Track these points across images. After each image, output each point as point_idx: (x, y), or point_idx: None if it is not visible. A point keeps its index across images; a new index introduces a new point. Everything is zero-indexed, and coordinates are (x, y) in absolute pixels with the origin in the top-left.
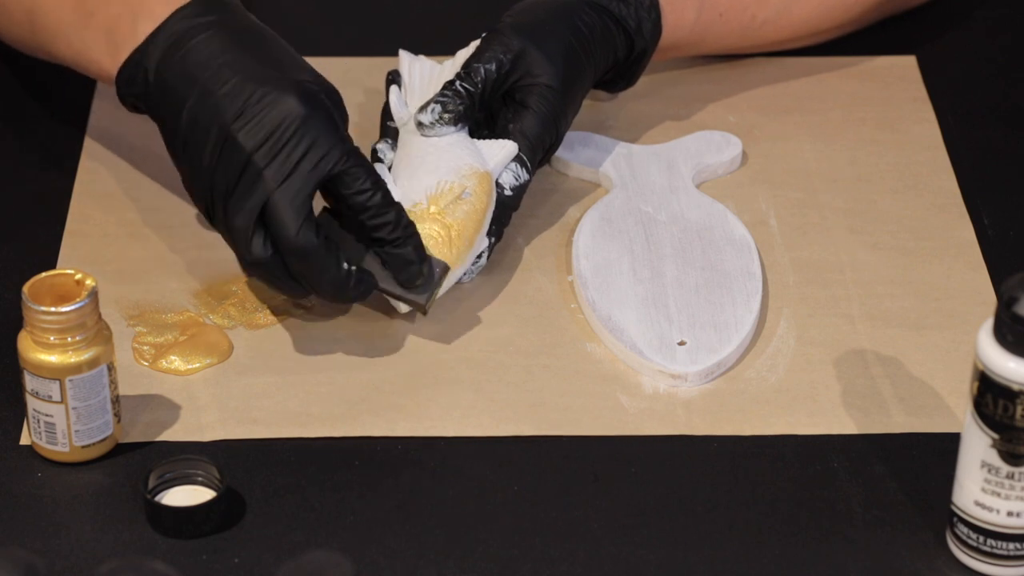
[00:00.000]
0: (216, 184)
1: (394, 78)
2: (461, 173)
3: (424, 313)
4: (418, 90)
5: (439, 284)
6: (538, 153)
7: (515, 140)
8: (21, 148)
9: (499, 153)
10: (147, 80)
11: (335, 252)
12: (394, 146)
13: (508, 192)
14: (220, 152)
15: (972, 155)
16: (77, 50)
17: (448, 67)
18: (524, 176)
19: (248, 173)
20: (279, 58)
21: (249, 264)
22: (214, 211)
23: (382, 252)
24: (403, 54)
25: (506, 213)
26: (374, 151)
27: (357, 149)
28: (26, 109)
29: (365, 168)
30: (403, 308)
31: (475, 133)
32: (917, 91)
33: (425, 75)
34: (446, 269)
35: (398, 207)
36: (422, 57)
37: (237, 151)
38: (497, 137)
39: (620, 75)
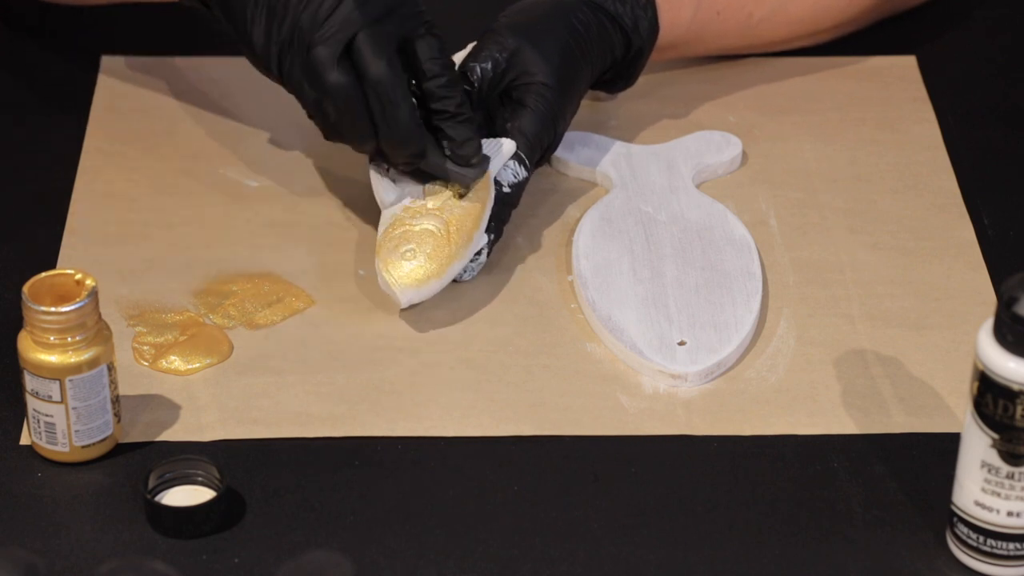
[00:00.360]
0: (301, 23)
1: None
2: None
3: (457, 192)
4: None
5: (484, 170)
6: (536, 151)
7: (513, 138)
8: (21, 148)
9: (497, 151)
10: None
11: (411, 96)
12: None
13: (507, 189)
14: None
15: (972, 155)
16: None
17: None
18: (523, 173)
19: (341, 10)
20: None
21: (332, 86)
22: (288, 56)
23: (445, 125)
24: None
25: (505, 210)
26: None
27: (431, 24)
28: (26, 109)
29: (442, 41)
30: (400, 303)
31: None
32: (917, 91)
33: None
34: (488, 160)
35: (463, 86)
36: None
37: None
38: (495, 136)
39: (619, 74)
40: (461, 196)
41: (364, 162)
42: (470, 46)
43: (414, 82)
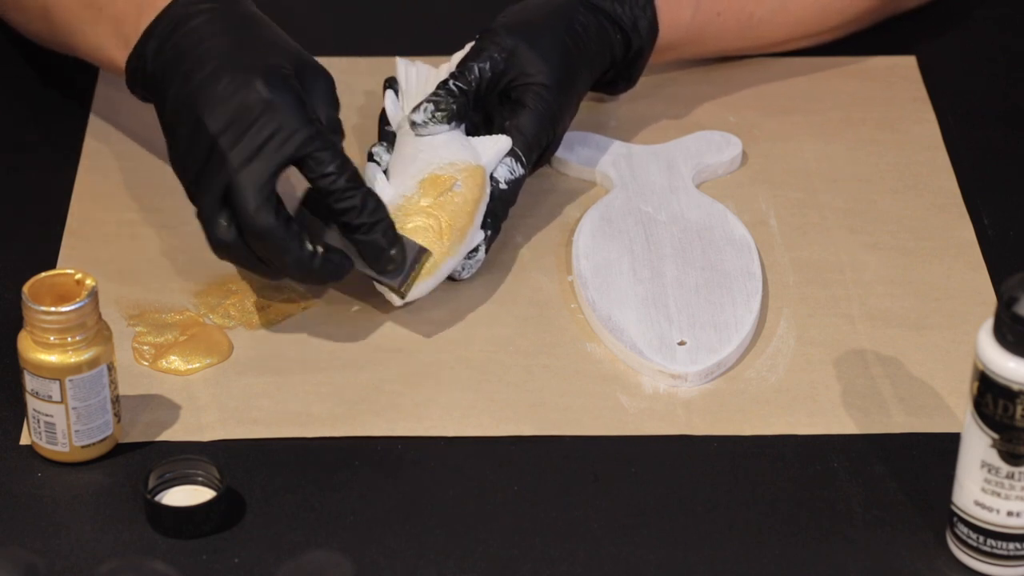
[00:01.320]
0: (187, 167)
1: (391, 84)
2: (453, 167)
3: (402, 297)
4: (414, 93)
5: (416, 268)
6: (535, 150)
7: (511, 137)
8: (21, 148)
9: (492, 147)
10: (146, 68)
11: (296, 233)
12: (390, 149)
13: (503, 186)
14: (191, 135)
15: (972, 155)
16: (91, 44)
17: (444, 70)
18: (519, 170)
19: (213, 156)
20: (261, 42)
21: (216, 246)
22: (189, 194)
23: (352, 239)
24: (399, 61)
25: (501, 207)
26: (370, 155)
27: (323, 132)
28: (26, 109)
29: (331, 152)
30: (397, 301)
31: (472, 135)
32: (917, 91)
33: (421, 79)
34: (422, 252)
35: (366, 192)
36: (418, 62)
37: (204, 134)
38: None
39: (619, 75)
40: (454, 191)
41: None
42: (468, 46)
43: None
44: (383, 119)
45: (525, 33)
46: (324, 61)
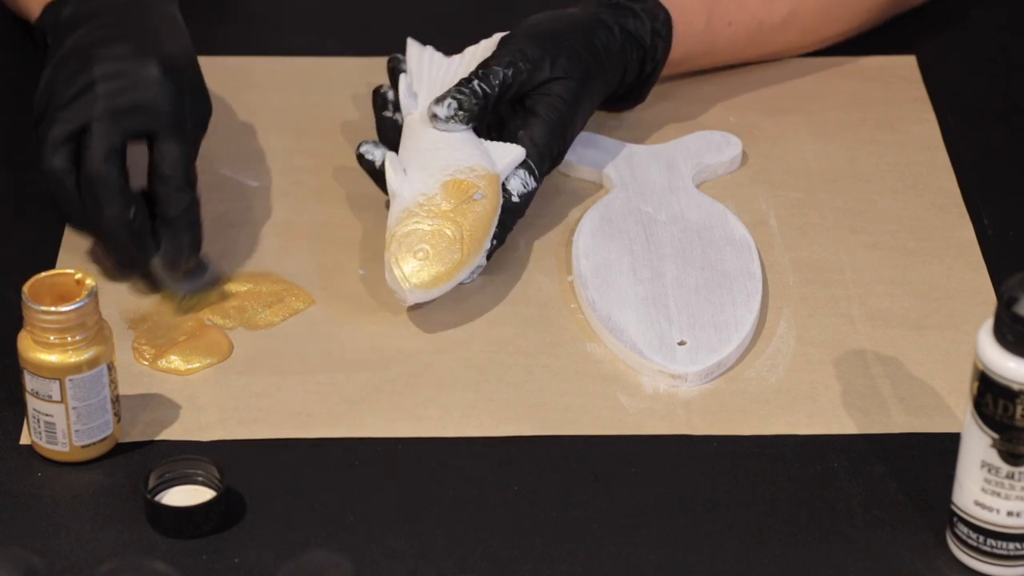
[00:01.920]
0: (56, 93)
1: (396, 66)
2: (473, 172)
3: (183, 312)
4: (426, 80)
5: (207, 290)
6: (546, 162)
7: (524, 146)
8: (21, 148)
9: (507, 156)
10: (58, 19)
11: (130, 195)
12: (378, 144)
13: (515, 199)
14: (75, 69)
15: (972, 155)
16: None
17: (456, 62)
18: (532, 184)
19: (88, 95)
20: (163, 24)
21: (46, 170)
22: (41, 121)
23: (162, 230)
24: (411, 43)
25: (511, 219)
26: (360, 156)
27: (189, 132)
28: (26, 109)
29: (188, 148)
30: (405, 302)
31: (480, 136)
32: (917, 91)
33: (434, 67)
34: (218, 280)
35: (195, 198)
36: (430, 48)
37: (87, 72)
38: (504, 142)
39: (630, 92)
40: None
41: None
42: (484, 42)
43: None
44: (381, 103)
45: (550, 44)
46: (324, 61)
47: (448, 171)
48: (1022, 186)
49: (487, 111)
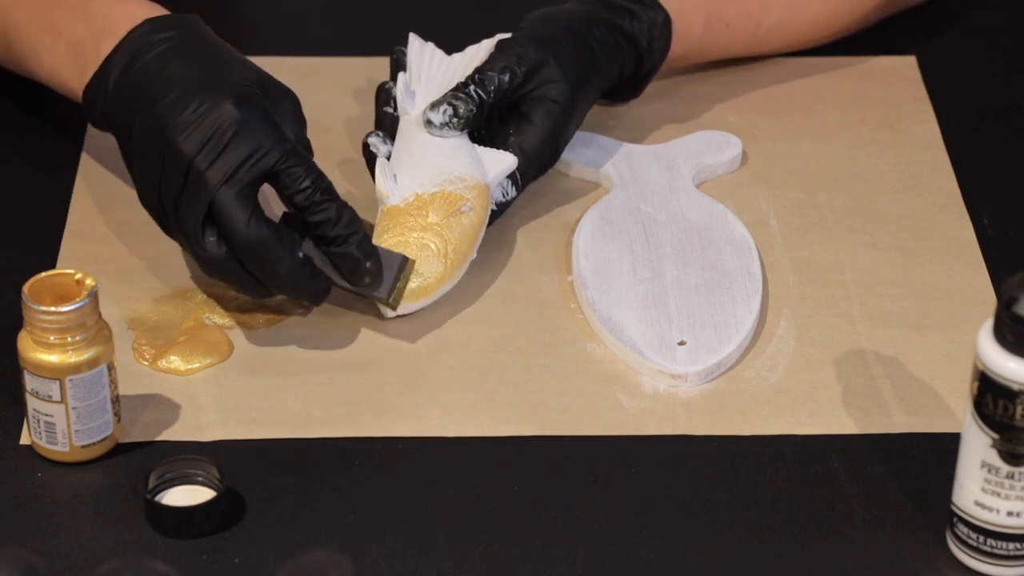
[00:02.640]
0: (164, 192)
1: (399, 59)
2: (463, 182)
3: (393, 308)
4: (425, 78)
5: (403, 278)
6: (533, 169)
7: (514, 154)
8: (21, 149)
9: (499, 165)
10: (107, 98)
11: (288, 243)
12: (386, 139)
13: (493, 207)
14: (163, 160)
15: (972, 155)
16: (49, 70)
17: (457, 61)
18: (512, 193)
19: (192, 176)
20: (223, 66)
21: (206, 264)
22: (167, 219)
23: (328, 252)
24: (413, 38)
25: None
26: (365, 145)
27: (296, 148)
28: (26, 110)
29: (304, 167)
30: (388, 313)
31: (473, 137)
32: (917, 91)
33: (434, 65)
34: (405, 262)
35: (341, 204)
36: (431, 44)
37: (180, 157)
38: (494, 145)
39: (626, 87)
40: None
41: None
42: (486, 42)
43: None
44: (384, 98)
45: (546, 47)
46: (323, 61)
47: (438, 180)
48: (1022, 186)
49: (483, 116)
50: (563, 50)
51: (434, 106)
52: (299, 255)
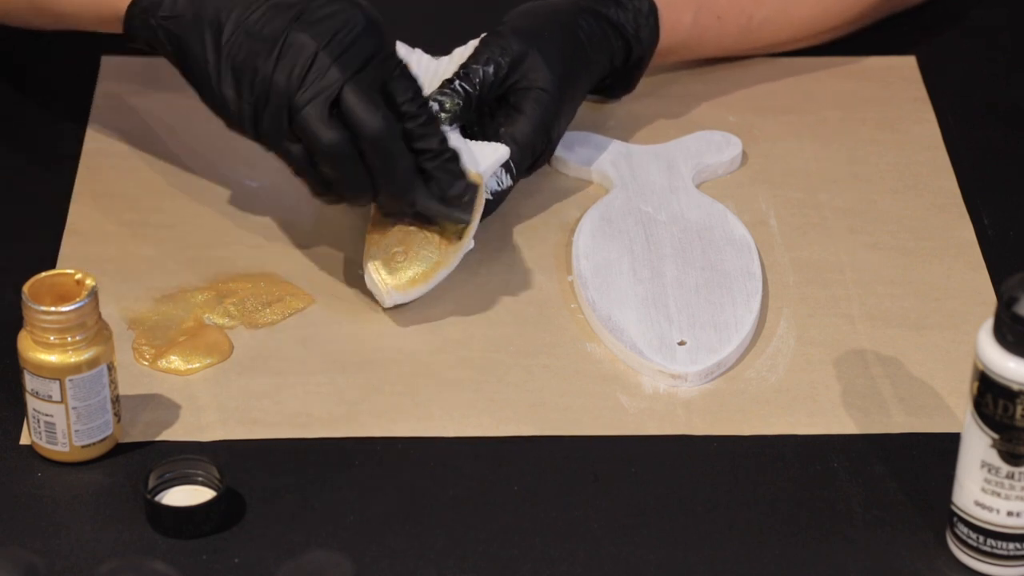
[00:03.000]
0: (277, 83)
1: None
2: None
3: (466, 231)
4: None
5: (477, 205)
6: (527, 158)
7: (505, 144)
8: (21, 148)
9: (491, 156)
10: (175, 5)
11: (405, 146)
12: None
13: (489, 196)
14: (280, 53)
15: (972, 155)
16: None
17: (445, 64)
18: (507, 182)
19: (317, 65)
20: None
21: (325, 149)
22: (266, 118)
23: (431, 167)
24: (400, 46)
25: (483, 216)
26: None
27: (405, 65)
28: (26, 109)
29: (414, 78)
30: (386, 303)
31: (466, 134)
32: (917, 91)
33: (421, 69)
34: (476, 189)
35: (439, 124)
36: (418, 51)
37: (304, 48)
38: (487, 139)
39: (618, 80)
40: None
41: None
42: (472, 43)
43: None
44: None
45: (530, 38)
46: None
47: None
48: (1022, 186)
49: (471, 110)
50: (547, 40)
51: None
52: (415, 162)
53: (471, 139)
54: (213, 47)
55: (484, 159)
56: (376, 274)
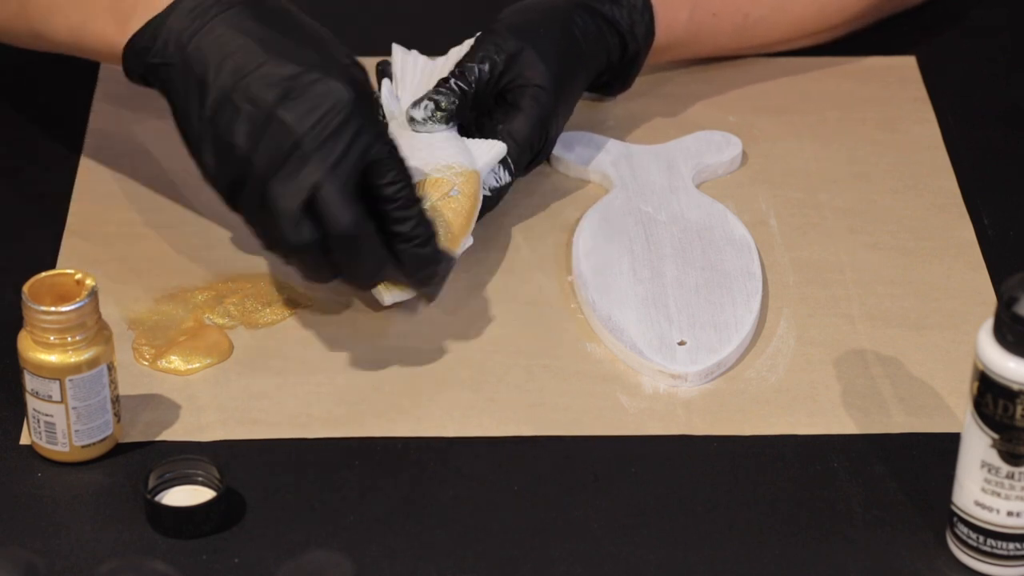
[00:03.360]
0: (256, 165)
1: (384, 69)
2: (450, 170)
3: (429, 302)
4: (409, 85)
5: (446, 271)
6: (525, 155)
7: (503, 141)
8: (21, 148)
9: (488, 153)
10: (164, 51)
11: (381, 238)
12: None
13: (487, 193)
14: (261, 132)
15: (972, 155)
16: (76, 23)
17: (441, 64)
18: (506, 178)
19: (296, 156)
20: (316, 39)
21: (292, 247)
22: (242, 194)
23: (402, 249)
24: (396, 48)
25: (483, 212)
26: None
27: (391, 139)
28: (26, 109)
29: (400, 158)
30: (385, 301)
31: (465, 133)
32: (917, 91)
33: (417, 70)
34: (452, 262)
35: (421, 204)
36: (414, 52)
37: (284, 133)
38: (486, 137)
39: (615, 77)
40: (450, 195)
41: None
42: (468, 41)
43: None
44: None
45: (525, 35)
46: None
47: (424, 171)
48: (1022, 186)
49: (467, 108)
50: (543, 37)
51: (415, 104)
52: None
53: (468, 137)
54: (197, 106)
55: (481, 156)
56: None
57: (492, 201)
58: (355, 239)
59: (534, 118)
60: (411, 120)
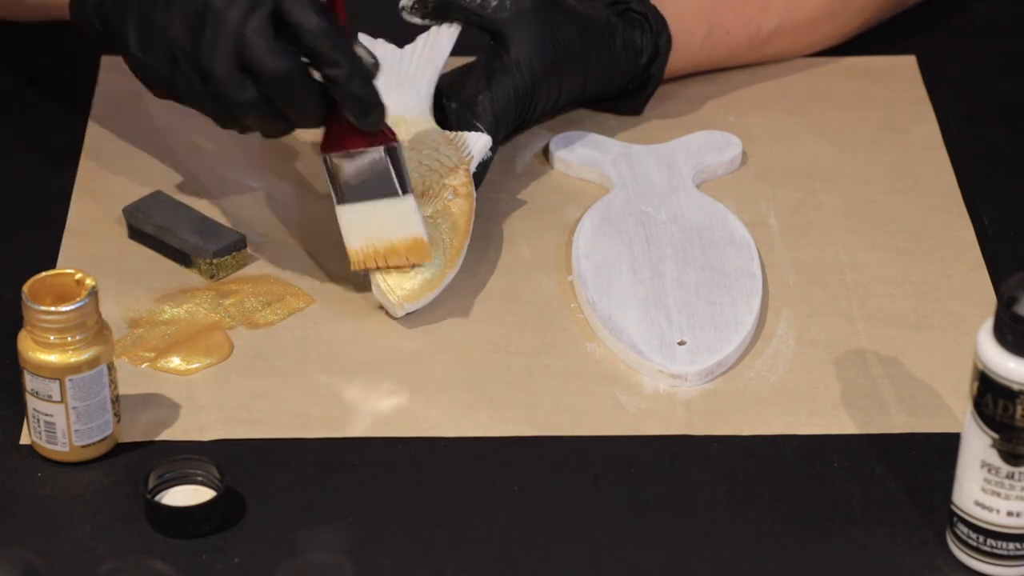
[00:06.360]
0: (180, 39)
1: None
2: (445, 169)
3: (204, 271)
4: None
5: (233, 251)
6: (502, 129)
7: (482, 110)
8: (21, 148)
9: (475, 145)
10: None
11: (309, 72)
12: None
13: (474, 171)
14: (174, 3)
15: (972, 155)
16: None
17: (408, 52)
18: (488, 154)
19: (210, 20)
20: None
21: (241, 107)
22: (179, 76)
23: (338, 91)
24: (362, 38)
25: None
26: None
27: None
28: (26, 109)
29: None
30: (397, 313)
31: (444, 121)
32: (917, 91)
33: (387, 59)
34: (242, 244)
35: (348, 41)
36: (382, 40)
37: (193, 3)
38: (464, 103)
39: (625, 99)
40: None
41: None
42: (435, 28)
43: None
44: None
45: (529, 17)
46: None
47: (417, 171)
48: (1022, 186)
49: (449, 16)
50: (556, 26)
51: None
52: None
53: (452, 130)
54: (131, 11)
55: (468, 149)
56: (386, 285)
57: (476, 179)
58: (290, 80)
59: (511, 92)
60: (402, 9)
